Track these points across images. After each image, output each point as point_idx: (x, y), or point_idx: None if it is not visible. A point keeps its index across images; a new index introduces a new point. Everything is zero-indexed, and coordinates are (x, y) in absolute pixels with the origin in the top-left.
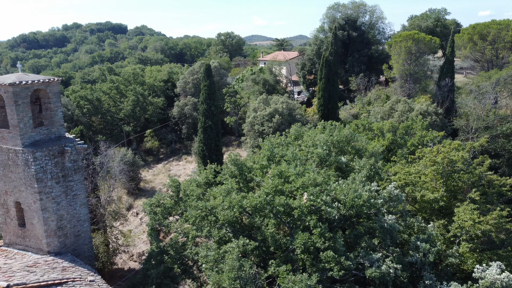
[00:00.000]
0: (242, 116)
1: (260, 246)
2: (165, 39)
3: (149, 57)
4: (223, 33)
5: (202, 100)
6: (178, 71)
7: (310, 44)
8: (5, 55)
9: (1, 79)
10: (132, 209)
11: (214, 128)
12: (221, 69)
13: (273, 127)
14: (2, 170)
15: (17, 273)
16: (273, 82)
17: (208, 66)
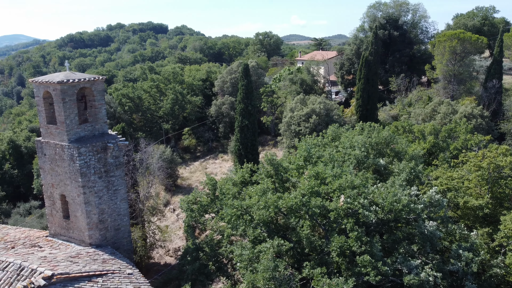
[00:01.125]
0: (279, 116)
1: (294, 247)
2: (204, 38)
3: (188, 56)
4: (261, 33)
5: (239, 100)
6: (216, 71)
7: (349, 44)
8: (53, 54)
9: (50, 78)
10: (169, 205)
11: (250, 128)
12: (259, 69)
13: (309, 128)
14: (50, 164)
15: (61, 263)
16: (311, 82)
17: (246, 66)
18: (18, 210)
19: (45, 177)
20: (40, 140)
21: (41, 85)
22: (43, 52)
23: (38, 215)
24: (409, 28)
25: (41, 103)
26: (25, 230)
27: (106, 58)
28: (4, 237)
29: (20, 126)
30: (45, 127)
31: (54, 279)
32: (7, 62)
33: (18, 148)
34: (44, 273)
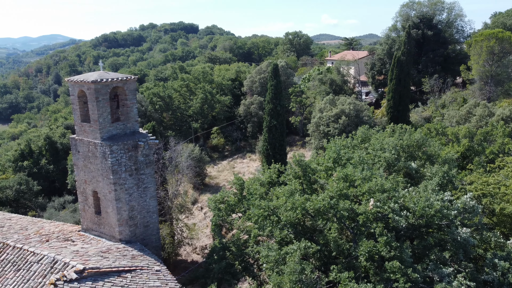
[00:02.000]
0: (307, 116)
1: (321, 250)
2: (233, 38)
3: (218, 56)
4: (291, 32)
5: (268, 100)
6: (245, 70)
7: (381, 44)
8: (88, 54)
9: (84, 77)
10: (197, 203)
11: (279, 128)
12: (288, 69)
13: (339, 129)
14: (83, 161)
15: (92, 257)
16: (341, 82)
17: (276, 66)
18: (53, 204)
19: (78, 173)
20: (74, 138)
21: (76, 84)
22: (78, 52)
23: (72, 209)
24: (444, 27)
25: (76, 101)
26: (59, 224)
27: (138, 57)
28: (40, 230)
29: (56, 123)
30: (79, 125)
31: (85, 273)
32: (45, 61)
33: (54, 144)
34: (76, 267)
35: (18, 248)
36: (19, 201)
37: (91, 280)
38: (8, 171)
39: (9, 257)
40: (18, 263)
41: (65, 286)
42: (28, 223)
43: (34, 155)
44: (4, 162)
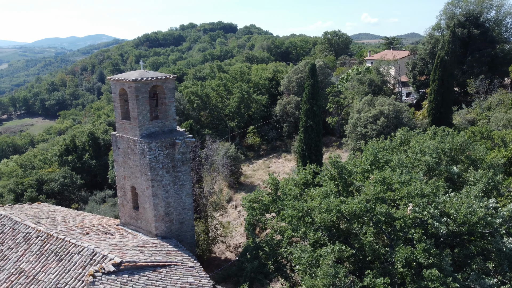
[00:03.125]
0: (345, 117)
1: (356, 254)
2: (271, 38)
3: (256, 55)
4: (330, 32)
5: (305, 100)
6: (282, 70)
7: (424, 43)
8: (131, 53)
9: (126, 76)
10: (232, 201)
11: (315, 128)
12: (326, 68)
13: (377, 130)
14: (123, 157)
15: (129, 251)
16: (380, 82)
17: (313, 66)
18: (94, 198)
19: (118, 169)
20: (115, 134)
21: (117, 83)
22: (121, 51)
23: (112, 203)
24: (492, 26)
25: (117, 99)
26: (99, 218)
27: (178, 56)
28: (81, 223)
29: (99, 120)
30: (120, 122)
31: (122, 266)
32: (90, 60)
33: (96, 140)
34: (113, 260)
35: (60, 239)
36: (63, 194)
37: (127, 273)
38: (54, 165)
39: (52, 247)
40: (60, 253)
41: (103, 278)
42: (70, 215)
43: (78, 150)
44: (51, 156)
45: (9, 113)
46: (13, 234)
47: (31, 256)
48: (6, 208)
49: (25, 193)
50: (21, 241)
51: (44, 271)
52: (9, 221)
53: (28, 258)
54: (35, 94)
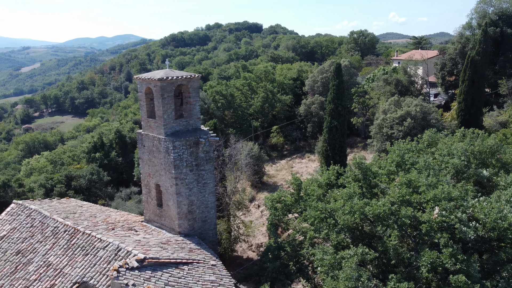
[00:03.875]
0: (370, 118)
1: (380, 257)
2: (297, 37)
3: (281, 55)
4: (356, 31)
5: (329, 100)
6: (307, 70)
7: (453, 42)
8: (157, 52)
9: (152, 75)
10: (254, 201)
11: (339, 129)
12: (351, 68)
13: (403, 131)
14: (148, 155)
15: (152, 248)
16: (407, 83)
17: (339, 65)
18: (120, 194)
19: (143, 166)
20: (140, 132)
21: (143, 82)
22: (148, 51)
23: (137, 200)
24: None
25: (143, 98)
26: (124, 214)
27: (203, 56)
28: (107, 218)
29: (126, 118)
30: (145, 121)
31: (145, 262)
32: (118, 60)
33: (123, 138)
34: (137, 255)
35: (87, 234)
36: (91, 190)
37: (150, 269)
38: (82, 162)
39: (79, 242)
40: (86, 248)
41: (127, 273)
42: (97, 211)
43: (105, 148)
44: (79, 153)
45: (41, 110)
46: (42, 228)
47: (59, 250)
48: (36, 203)
49: (55, 188)
50: (49, 235)
51: (70, 264)
52: (38, 215)
53: (56, 252)
54: (66, 93)
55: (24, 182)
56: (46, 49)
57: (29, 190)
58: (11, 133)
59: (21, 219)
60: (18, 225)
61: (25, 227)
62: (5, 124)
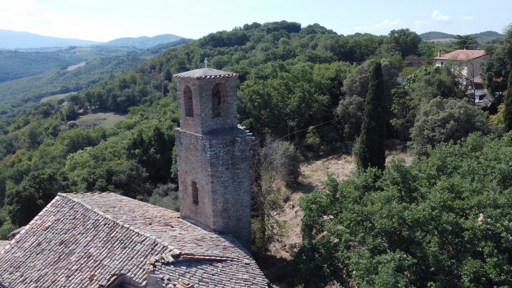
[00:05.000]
0: (410, 119)
1: (418, 264)
2: (335, 37)
3: (318, 55)
4: (397, 31)
5: (368, 100)
6: (345, 69)
7: (502, 42)
8: (196, 52)
9: (190, 74)
10: (289, 201)
11: (378, 130)
12: (392, 68)
13: (445, 134)
14: (185, 152)
15: (188, 244)
16: (450, 83)
17: (378, 65)
18: (158, 190)
19: (180, 164)
20: (178, 130)
21: (182, 80)
22: (187, 50)
23: (173, 197)
24: None
25: (182, 96)
26: (161, 210)
27: (241, 56)
28: (145, 213)
29: (164, 116)
30: (183, 118)
31: (181, 258)
32: (158, 59)
33: (161, 135)
34: (173, 251)
35: (125, 228)
36: (130, 185)
37: (185, 265)
38: (123, 157)
39: (118, 235)
40: (124, 241)
41: (162, 268)
42: (135, 205)
43: (145, 144)
44: (120, 149)
45: (85, 107)
46: (84, 220)
47: (99, 242)
48: (78, 196)
49: (96, 182)
50: (90, 227)
51: (109, 256)
52: (81, 208)
53: (96, 244)
54: (108, 91)
55: (68, 175)
56: (91, 48)
57: (73, 184)
58: (57, 128)
59: (65, 211)
60: (61, 216)
61: (68, 219)
62: (52, 120)
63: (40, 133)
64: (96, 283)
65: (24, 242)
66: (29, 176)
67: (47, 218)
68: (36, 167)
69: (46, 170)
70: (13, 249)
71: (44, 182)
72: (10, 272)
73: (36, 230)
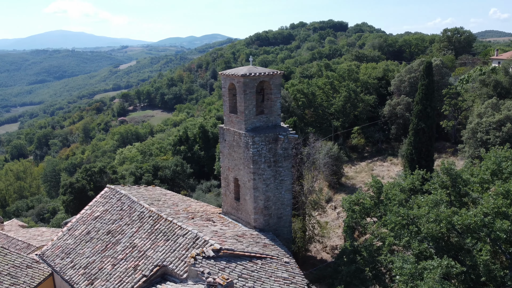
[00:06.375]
0: (462, 121)
1: (467, 272)
2: (384, 36)
3: (366, 54)
4: (450, 29)
5: (417, 101)
6: (394, 69)
7: None
8: (242, 51)
9: (235, 71)
10: (331, 202)
11: (427, 132)
12: (443, 68)
13: (501, 137)
14: (228, 149)
15: (228, 239)
16: (508, 84)
17: (429, 64)
18: (201, 187)
19: (223, 160)
20: (222, 127)
21: (227, 78)
22: (233, 49)
23: (216, 193)
24: None
25: (226, 93)
26: (203, 205)
27: (286, 55)
28: (188, 208)
29: (209, 114)
30: (227, 116)
31: (221, 252)
32: (204, 58)
33: (206, 133)
34: (214, 245)
35: (169, 221)
36: (175, 180)
37: (225, 260)
38: (168, 153)
39: (161, 227)
40: (168, 234)
41: (203, 261)
42: (179, 200)
43: (190, 141)
44: (166, 145)
45: (135, 104)
46: (130, 211)
47: (143, 233)
48: (126, 188)
49: (143, 176)
50: (136, 219)
51: (153, 248)
52: (127, 200)
53: (141, 235)
54: (157, 89)
55: (117, 169)
56: (141, 48)
57: (121, 177)
58: (108, 124)
59: (113, 202)
60: (109, 207)
61: (115, 210)
62: (104, 116)
63: (92, 129)
64: (140, 273)
65: (75, 230)
66: (82, 169)
67: (96, 209)
68: (88, 160)
69: (97, 163)
70: (64, 236)
71: (95, 174)
72: (61, 258)
73: (86, 219)
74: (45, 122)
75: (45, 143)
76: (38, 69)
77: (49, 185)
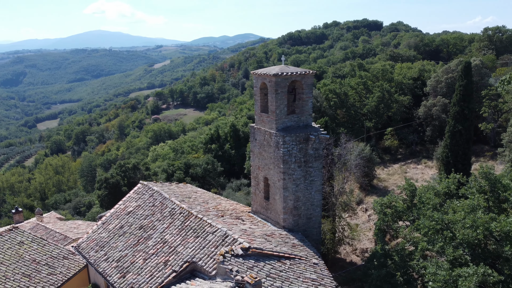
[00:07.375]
0: (503, 124)
1: (506, 282)
2: (420, 35)
3: (401, 53)
4: (491, 28)
5: (454, 102)
6: (430, 69)
7: None
8: (274, 51)
9: (267, 70)
10: (362, 204)
11: (464, 134)
12: (483, 68)
13: None
14: (258, 149)
15: (257, 238)
16: None
17: (468, 64)
18: (231, 185)
19: (253, 159)
20: (253, 126)
21: (259, 77)
22: (266, 49)
23: (245, 192)
24: None
25: (258, 93)
26: (233, 203)
27: (319, 55)
28: (218, 206)
29: (241, 113)
30: (258, 115)
31: (250, 251)
32: (237, 57)
33: (237, 132)
34: (242, 244)
35: (199, 218)
36: (205, 178)
37: (254, 259)
38: (200, 152)
39: (191, 224)
40: (197, 231)
41: (232, 259)
42: (209, 198)
43: (221, 140)
44: (197, 144)
45: (168, 103)
46: (161, 208)
47: (174, 229)
48: (158, 185)
49: (175, 174)
50: (167, 215)
51: (183, 244)
52: (159, 196)
53: (172, 231)
54: (189, 88)
55: (150, 166)
56: (175, 47)
57: (154, 174)
58: (142, 122)
59: (145, 198)
60: (142, 203)
61: (148, 206)
62: (139, 114)
63: (127, 126)
64: (170, 268)
65: (109, 224)
66: (116, 165)
67: (129, 204)
68: (123, 157)
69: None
70: (99, 230)
71: (129, 171)
72: (95, 251)
73: (120, 214)
74: (83, 119)
75: (83, 139)
76: (77, 67)
77: (85, 179)
